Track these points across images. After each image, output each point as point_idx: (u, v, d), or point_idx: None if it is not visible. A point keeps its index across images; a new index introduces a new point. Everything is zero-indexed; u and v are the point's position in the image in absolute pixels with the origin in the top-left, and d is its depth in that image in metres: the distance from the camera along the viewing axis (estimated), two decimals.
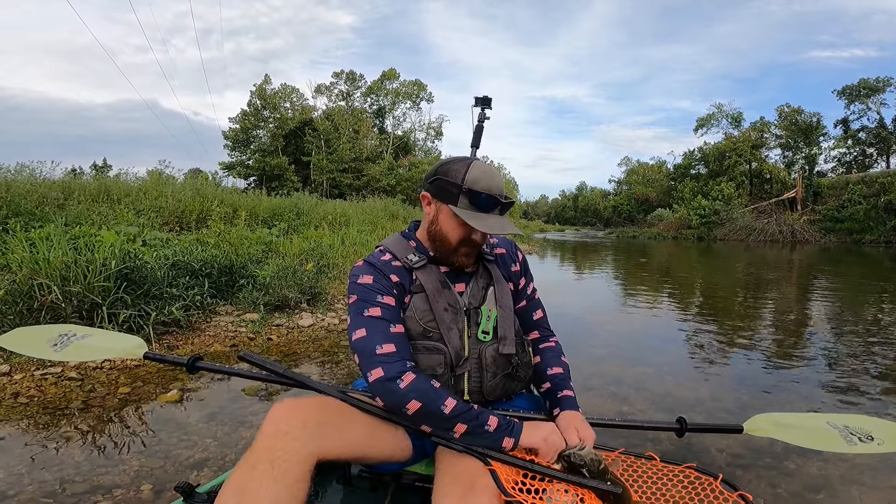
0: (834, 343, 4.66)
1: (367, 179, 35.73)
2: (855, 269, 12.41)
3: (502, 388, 1.25)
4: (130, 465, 2.14)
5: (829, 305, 6.92)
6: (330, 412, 1.10)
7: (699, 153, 40.78)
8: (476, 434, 1.07)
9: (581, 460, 1.03)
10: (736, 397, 3.21)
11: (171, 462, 2.19)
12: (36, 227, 4.99)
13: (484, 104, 2.32)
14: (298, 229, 9.39)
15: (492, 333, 1.24)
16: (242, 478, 0.93)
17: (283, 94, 39.07)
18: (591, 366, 3.91)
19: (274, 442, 0.97)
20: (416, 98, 42.59)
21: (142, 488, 1.97)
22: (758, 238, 27.08)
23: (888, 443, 1.05)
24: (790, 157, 35.96)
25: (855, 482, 2.14)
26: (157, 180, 9.20)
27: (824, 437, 1.08)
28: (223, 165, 37.51)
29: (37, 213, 5.69)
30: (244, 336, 4.26)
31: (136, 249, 4.35)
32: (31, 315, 3.36)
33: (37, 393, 2.87)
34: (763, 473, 2.20)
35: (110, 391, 2.91)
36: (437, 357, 1.19)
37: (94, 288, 3.53)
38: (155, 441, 2.37)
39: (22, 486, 1.93)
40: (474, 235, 1.21)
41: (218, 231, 6.33)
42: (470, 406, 1.09)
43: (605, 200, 67.19)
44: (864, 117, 34.30)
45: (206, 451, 2.30)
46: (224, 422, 2.62)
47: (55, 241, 3.73)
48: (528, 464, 1.04)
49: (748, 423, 1.10)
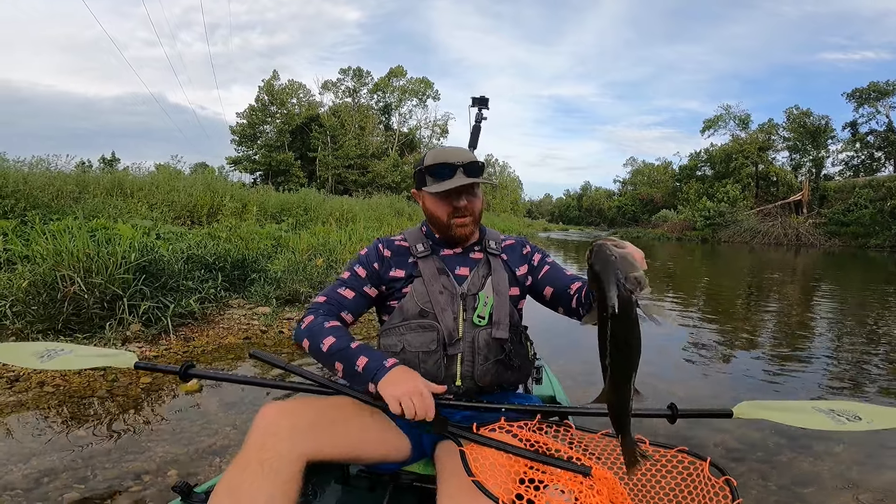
0: (833, 346, 4.73)
1: (373, 176, 35.84)
2: (859, 274, 12.44)
3: (494, 374, 1.29)
4: (156, 452, 2.24)
5: (830, 309, 6.98)
6: (322, 412, 1.12)
7: (705, 154, 40.67)
8: (351, 375, 1.14)
9: (611, 253, 0.84)
10: (734, 396, 3.31)
11: (194, 449, 2.29)
12: (53, 219, 5.12)
13: (481, 104, 2.37)
14: (306, 225, 9.51)
15: (487, 319, 1.30)
16: (234, 479, 0.95)
17: (291, 90, 39.20)
18: (594, 363, 4.00)
19: (264, 443, 0.99)
20: (422, 95, 42.63)
21: (168, 474, 2.07)
22: (762, 241, 27.04)
23: (876, 421, 1.06)
24: (797, 159, 35.83)
25: (842, 476, 2.22)
26: (169, 175, 9.33)
27: (812, 418, 1.09)
28: (230, 160, 37.72)
29: (53, 206, 5.82)
30: (257, 329, 4.37)
31: (152, 243, 4.46)
32: (53, 305, 3.48)
33: (62, 382, 2.98)
34: (755, 466, 2.29)
35: (133, 381, 3.02)
36: (430, 334, 1.27)
37: (115, 280, 3.64)
38: (178, 429, 2.48)
39: (56, 472, 2.01)
40: (456, 203, 1.32)
41: (229, 226, 6.44)
42: (348, 345, 1.16)
43: (609, 200, 67.06)
44: (873, 120, 34.11)
45: (226, 438, 2.41)
46: (242, 410, 2.73)
47: (76, 233, 3.84)
48: (497, 443, 1.02)
49: (737, 407, 1.11)
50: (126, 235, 4.32)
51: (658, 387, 3.46)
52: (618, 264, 0.81)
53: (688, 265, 14.76)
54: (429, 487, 1.22)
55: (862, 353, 4.44)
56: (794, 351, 4.58)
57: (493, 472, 1.00)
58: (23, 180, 5.68)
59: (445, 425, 1.08)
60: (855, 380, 3.69)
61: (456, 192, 1.31)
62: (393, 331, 1.32)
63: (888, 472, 2.27)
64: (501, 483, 0.98)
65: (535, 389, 2.04)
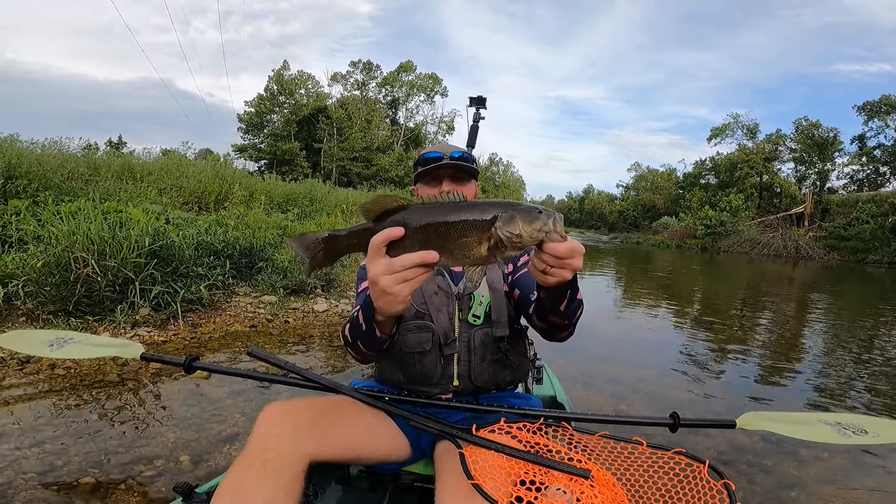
0: (826, 358, 4.77)
1: (377, 169, 35.84)
2: (857, 288, 12.48)
3: (491, 373, 1.30)
4: (167, 438, 2.30)
5: (825, 322, 7.03)
6: (323, 413, 1.13)
7: (710, 163, 40.63)
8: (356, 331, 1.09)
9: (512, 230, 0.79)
10: (728, 401, 3.38)
11: (205, 435, 2.35)
12: (65, 200, 5.15)
13: (478, 104, 2.39)
14: (311, 215, 9.54)
15: (483, 317, 1.31)
16: (237, 479, 0.96)
17: (300, 80, 39.15)
18: (594, 365, 4.07)
19: (266, 444, 0.99)
20: (430, 91, 42.55)
21: (181, 459, 2.12)
22: (761, 252, 27.06)
23: (883, 435, 1.04)
24: (802, 171, 35.77)
25: (827, 481, 2.29)
26: (178, 161, 9.36)
27: (818, 431, 1.08)
28: (235, 148, 37.72)
29: (64, 188, 5.86)
30: (263, 318, 4.43)
31: (163, 227, 4.51)
32: (66, 287, 3.52)
33: (72, 365, 3.03)
34: (744, 470, 2.35)
35: (143, 366, 3.07)
36: (426, 335, 1.28)
37: (127, 263, 3.69)
38: (188, 415, 2.54)
39: (69, 456, 2.06)
40: (441, 189, 1.38)
41: (238, 214, 6.48)
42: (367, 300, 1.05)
43: (611, 205, 66.90)
44: (882, 134, 33.93)
45: (236, 425, 2.46)
46: (250, 398, 2.78)
47: (92, 216, 3.88)
48: (497, 445, 1.02)
49: (741, 418, 1.10)
50: (138, 219, 4.37)
51: (655, 391, 3.52)
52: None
53: (686, 273, 14.79)
54: (429, 487, 1.22)
55: (855, 365, 4.49)
56: (788, 361, 4.63)
57: (492, 474, 0.99)
58: (36, 161, 5.72)
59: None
60: (847, 391, 3.73)
61: (438, 178, 1.40)
62: None
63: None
64: (501, 485, 0.97)
65: (535, 389, 2.08)
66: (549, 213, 0.82)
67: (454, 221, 0.81)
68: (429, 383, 1.30)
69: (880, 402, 3.52)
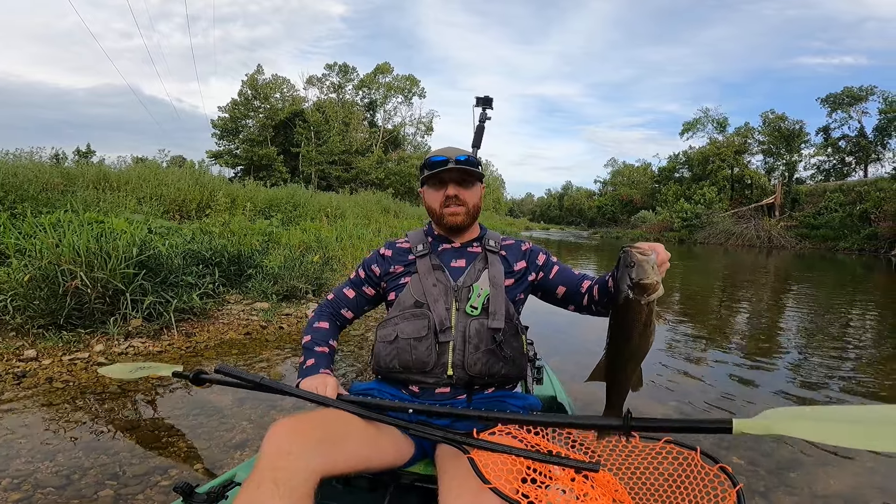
0: (805, 344, 4.95)
1: (356, 172, 35.63)
2: (829, 276, 12.92)
3: (484, 363, 1.33)
4: (179, 447, 2.27)
5: (802, 308, 7.28)
6: (330, 426, 1.13)
7: (683, 157, 41.51)
8: (300, 367, 1.42)
9: (632, 259, 0.97)
10: (718, 393, 3.47)
11: (215, 443, 2.32)
12: (43, 212, 5.02)
13: (485, 104, 2.41)
14: (295, 221, 9.46)
15: (480, 309, 1.37)
16: (249, 498, 0.95)
17: (275, 84, 38.68)
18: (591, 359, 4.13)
19: (276, 462, 0.99)
20: (408, 93, 42.49)
21: (195, 467, 2.10)
22: (736, 242, 27.77)
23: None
24: (771, 163, 36.79)
25: (827, 463, 2.36)
26: (155, 169, 9.16)
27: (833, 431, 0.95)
28: (210, 154, 37.06)
29: (41, 199, 5.70)
30: (257, 324, 4.38)
31: (148, 237, 4.43)
32: (55, 300, 3.44)
33: (70, 378, 2.96)
34: (743, 454, 2.42)
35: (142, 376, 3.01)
36: (422, 322, 1.35)
37: (116, 274, 3.61)
38: (196, 424, 2.51)
39: (84, 469, 2.01)
40: (447, 193, 1.45)
41: (222, 221, 6.39)
42: (313, 347, 1.45)
43: (590, 200, 67.90)
44: (846, 125, 35.08)
45: (244, 432, 2.44)
46: (255, 406, 2.75)
47: (77, 227, 3.79)
48: (505, 448, 1.03)
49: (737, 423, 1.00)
50: (121, 229, 4.28)
51: (648, 386, 3.60)
52: (632, 271, 0.97)
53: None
54: (430, 487, 1.23)
55: (835, 352, 4.66)
56: (767, 350, 4.78)
57: (496, 475, 1.00)
58: (12, 173, 5.54)
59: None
60: (825, 378, 3.87)
61: (444, 181, 1.46)
62: (389, 322, 1.41)
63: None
64: (506, 484, 0.99)
65: (535, 390, 2.10)
66: (641, 255, 0.99)
67: None
68: (423, 370, 1.34)
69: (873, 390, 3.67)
